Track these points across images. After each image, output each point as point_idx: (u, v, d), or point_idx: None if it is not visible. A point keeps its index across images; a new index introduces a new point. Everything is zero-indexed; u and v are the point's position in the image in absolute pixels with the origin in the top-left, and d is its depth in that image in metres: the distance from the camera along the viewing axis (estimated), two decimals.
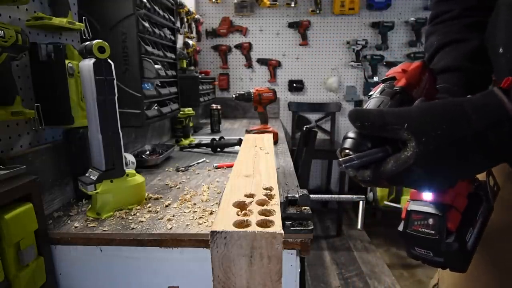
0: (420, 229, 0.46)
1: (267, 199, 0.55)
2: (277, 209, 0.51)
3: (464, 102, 0.36)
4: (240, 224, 0.45)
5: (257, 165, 0.77)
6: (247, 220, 0.46)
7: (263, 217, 0.47)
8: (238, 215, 0.48)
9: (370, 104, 0.45)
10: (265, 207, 0.52)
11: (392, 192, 2.68)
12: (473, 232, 0.46)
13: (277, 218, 0.47)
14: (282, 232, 0.43)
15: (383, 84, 0.48)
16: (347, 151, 0.42)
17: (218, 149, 1.68)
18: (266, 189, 0.60)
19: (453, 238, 0.44)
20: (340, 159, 0.41)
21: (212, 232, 0.42)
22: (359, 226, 0.74)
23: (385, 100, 0.45)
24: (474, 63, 0.55)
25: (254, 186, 0.61)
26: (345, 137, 0.43)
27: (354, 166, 0.41)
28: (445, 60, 0.57)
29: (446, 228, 0.44)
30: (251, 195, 0.56)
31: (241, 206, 0.52)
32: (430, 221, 0.45)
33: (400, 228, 0.48)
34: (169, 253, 0.80)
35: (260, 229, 0.43)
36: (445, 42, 0.59)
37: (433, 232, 0.45)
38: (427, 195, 0.47)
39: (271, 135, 1.16)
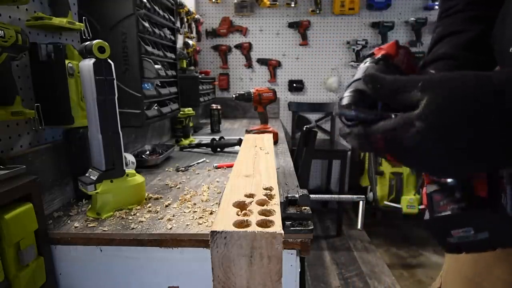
0: (448, 207, 0.40)
1: (267, 199, 0.55)
2: (277, 209, 0.51)
3: (491, 75, 0.33)
4: (240, 224, 0.45)
5: (257, 165, 0.77)
6: (247, 220, 0.46)
7: (263, 217, 0.47)
8: (238, 215, 0.48)
9: (358, 72, 0.44)
10: (265, 207, 0.52)
11: (392, 192, 2.68)
12: (507, 197, 0.39)
13: (277, 218, 0.47)
14: (282, 232, 0.43)
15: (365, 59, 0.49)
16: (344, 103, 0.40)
17: (218, 149, 1.68)
18: (266, 189, 0.60)
19: (488, 204, 0.38)
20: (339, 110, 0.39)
21: (212, 232, 0.42)
22: (359, 226, 0.74)
23: (370, 65, 0.45)
24: (469, 52, 0.54)
25: (254, 186, 0.61)
26: (341, 98, 0.41)
27: (352, 114, 0.38)
28: (441, 50, 0.57)
29: (477, 196, 0.39)
30: (251, 195, 0.56)
31: (241, 206, 0.52)
32: (456, 194, 0.40)
33: (427, 217, 0.43)
34: (169, 253, 0.80)
35: (260, 229, 0.43)
36: (444, 33, 0.59)
37: (464, 204, 0.39)
38: None
39: (271, 135, 1.16)
